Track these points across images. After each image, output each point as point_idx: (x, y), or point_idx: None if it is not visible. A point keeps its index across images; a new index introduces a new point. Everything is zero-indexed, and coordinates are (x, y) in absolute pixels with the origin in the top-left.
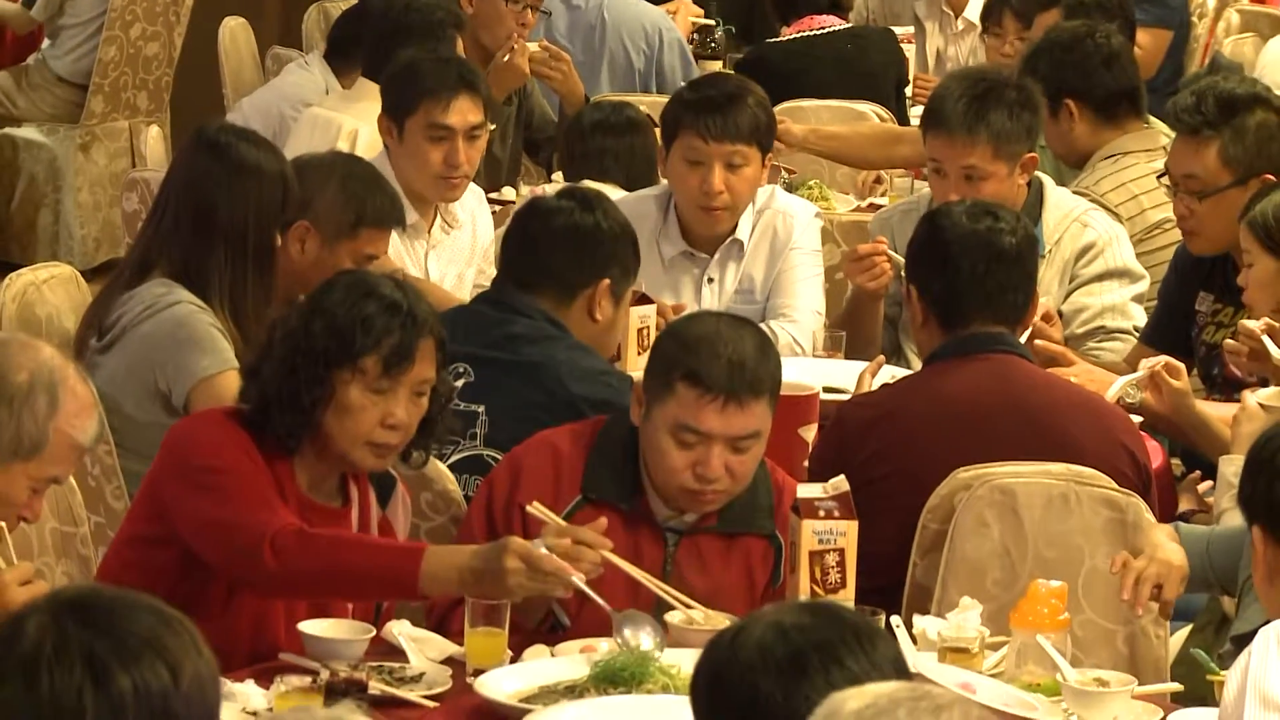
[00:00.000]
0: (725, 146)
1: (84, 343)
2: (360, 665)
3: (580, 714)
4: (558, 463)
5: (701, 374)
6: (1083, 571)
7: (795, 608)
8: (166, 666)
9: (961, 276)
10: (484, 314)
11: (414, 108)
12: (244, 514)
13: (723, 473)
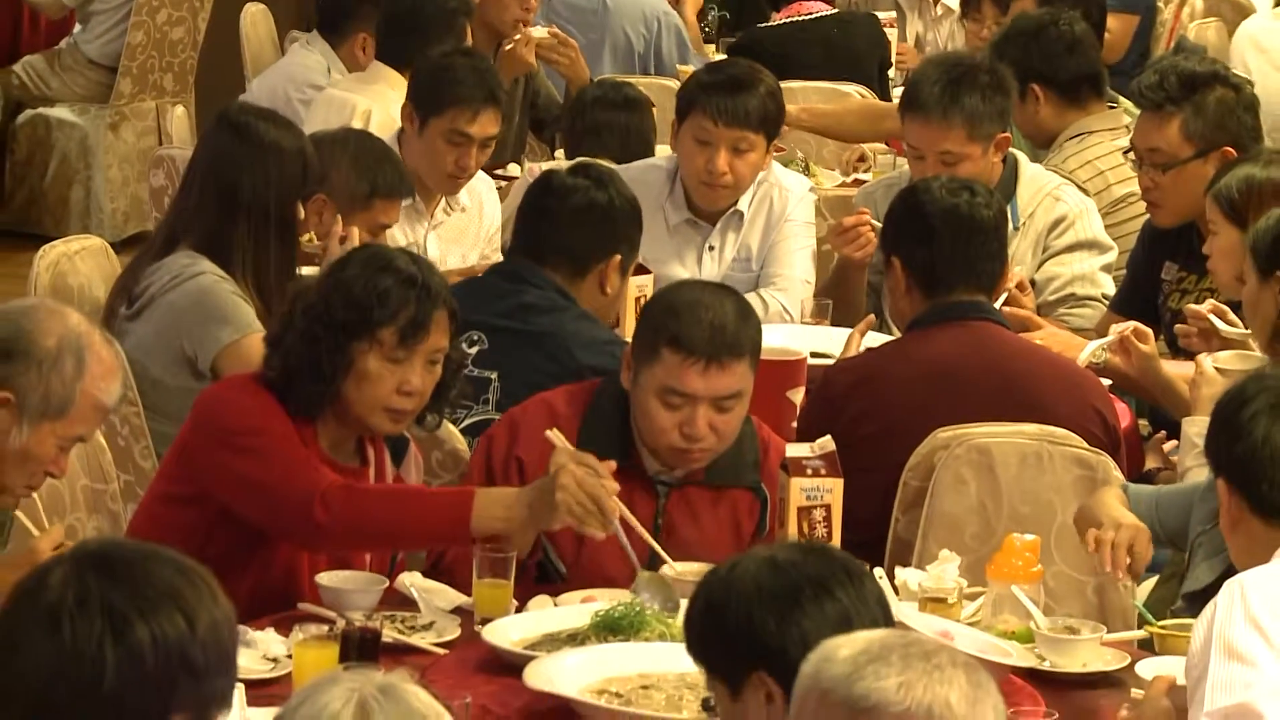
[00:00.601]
0: (734, 131)
1: (113, 310)
2: (374, 615)
3: (581, 660)
4: (554, 421)
5: (684, 339)
6: (1055, 526)
7: (788, 546)
8: (183, 616)
9: (943, 248)
10: (497, 285)
11: (442, 110)
12: (289, 474)
13: (708, 431)
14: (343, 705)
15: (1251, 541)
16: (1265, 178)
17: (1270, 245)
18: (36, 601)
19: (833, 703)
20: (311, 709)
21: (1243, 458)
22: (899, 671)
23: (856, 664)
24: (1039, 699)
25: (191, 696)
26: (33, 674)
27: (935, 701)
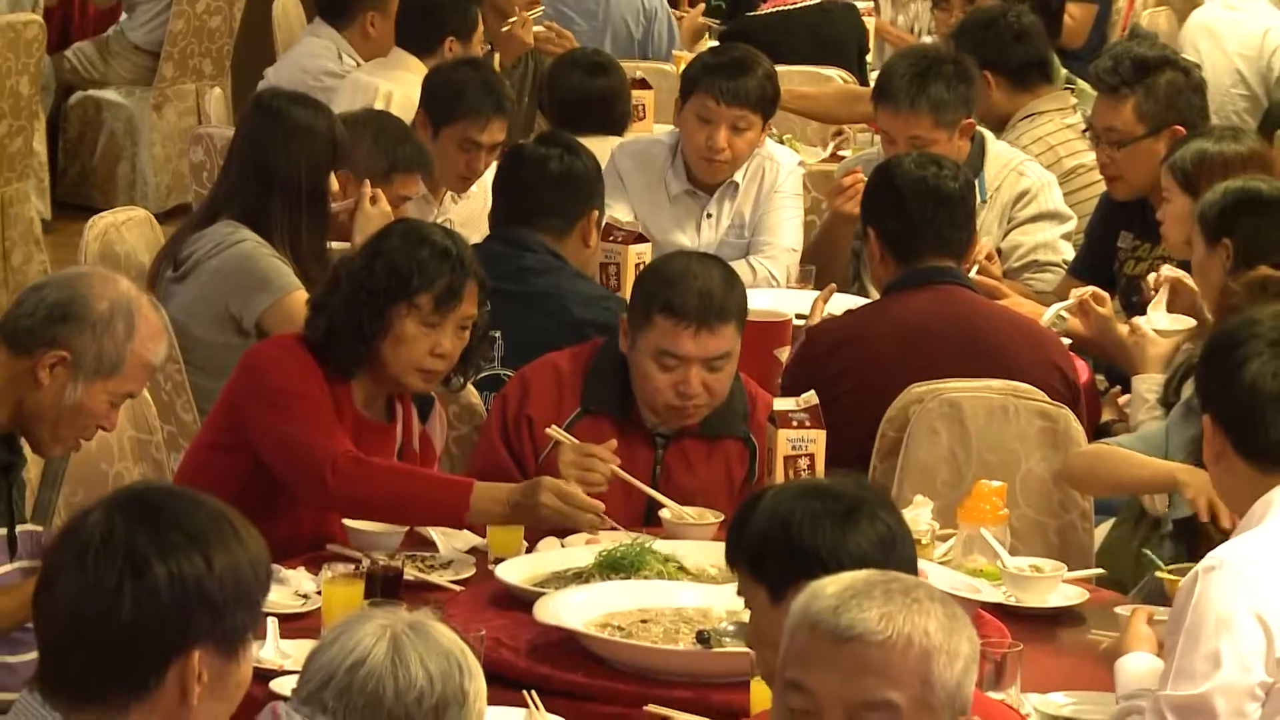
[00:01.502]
0: (733, 110)
1: (158, 274)
2: (396, 555)
3: (586, 596)
4: (560, 380)
5: (676, 306)
6: (1020, 473)
7: (832, 478)
8: (202, 556)
9: (913, 218)
10: (496, 251)
11: (454, 120)
12: (311, 437)
13: (700, 389)
14: (375, 641)
15: (1233, 476)
16: (1216, 152)
17: (1217, 215)
18: (72, 540)
19: (820, 633)
20: (346, 644)
21: (1232, 400)
22: (881, 605)
23: (842, 599)
24: (1005, 631)
25: (211, 629)
26: (61, 606)
27: (914, 631)
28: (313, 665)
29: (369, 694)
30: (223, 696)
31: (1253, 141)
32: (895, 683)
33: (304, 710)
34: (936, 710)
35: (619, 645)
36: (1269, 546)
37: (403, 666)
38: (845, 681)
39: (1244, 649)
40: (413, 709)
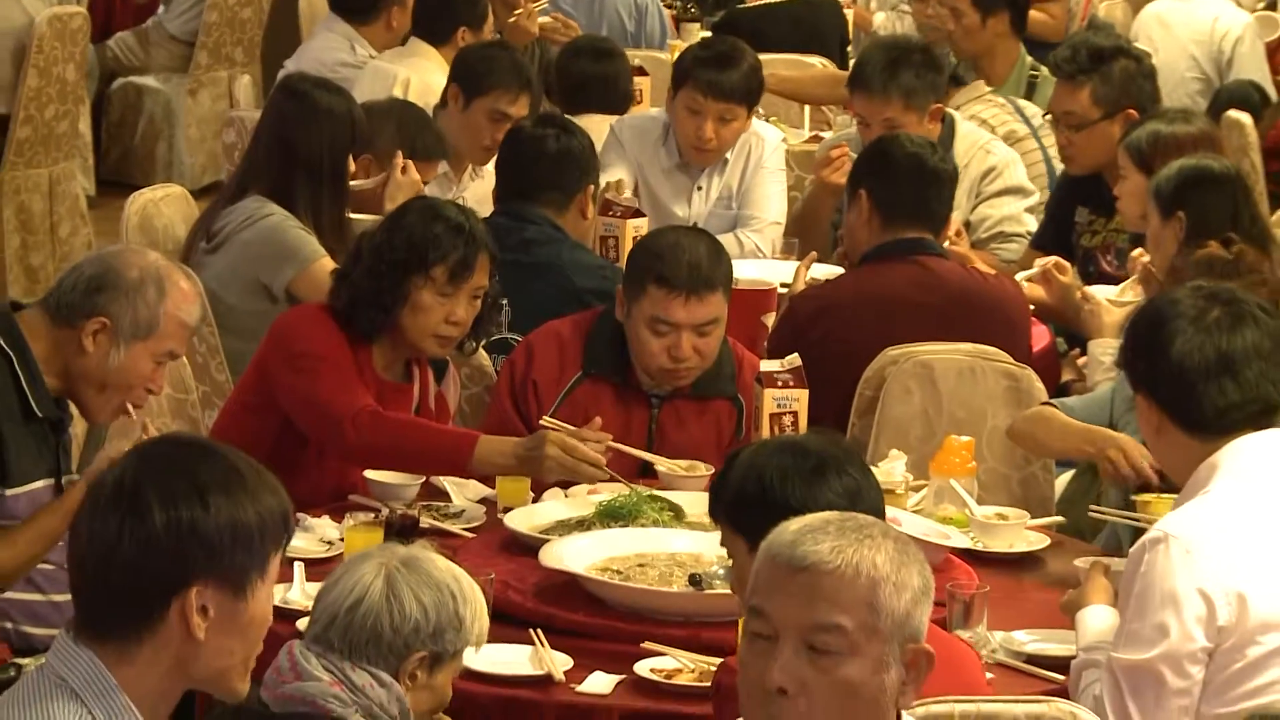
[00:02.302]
0: (720, 104)
1: (193, 246)
2: (413, 505)
3: (587, 543)
4: (561, 346)
5: (667, 276)
6: (986, 429)
7: (808, 435)
8: (200, 500)
9: (905, 188)
10: (502, 224)
11: (486, 92)
12: (333, 395)
13: (691, 353)
14: (372, 579)
15: (1175, 447)
16: (1169, 133)
17: (1171, 190)
18: (94, 489)
19: (779, 565)
20: (346, 585)
21: (1163, 379)
22: (834, 539)
23: (799, 534)
24: (973, 574)
25: (209, 568)
26: (76, 548)
27: (862, 562)
28: (319, 606)
29: (369, 630)
30: (234, 633)
31: (1203, 123)
32: (843, 608)
33: (315, 649)
34: (884, 635)
35: (618, 587)
36: (1213, 516)
37: (397, 602)
38: (799, 606)
39: (1188, 620)
40: (410, 639)
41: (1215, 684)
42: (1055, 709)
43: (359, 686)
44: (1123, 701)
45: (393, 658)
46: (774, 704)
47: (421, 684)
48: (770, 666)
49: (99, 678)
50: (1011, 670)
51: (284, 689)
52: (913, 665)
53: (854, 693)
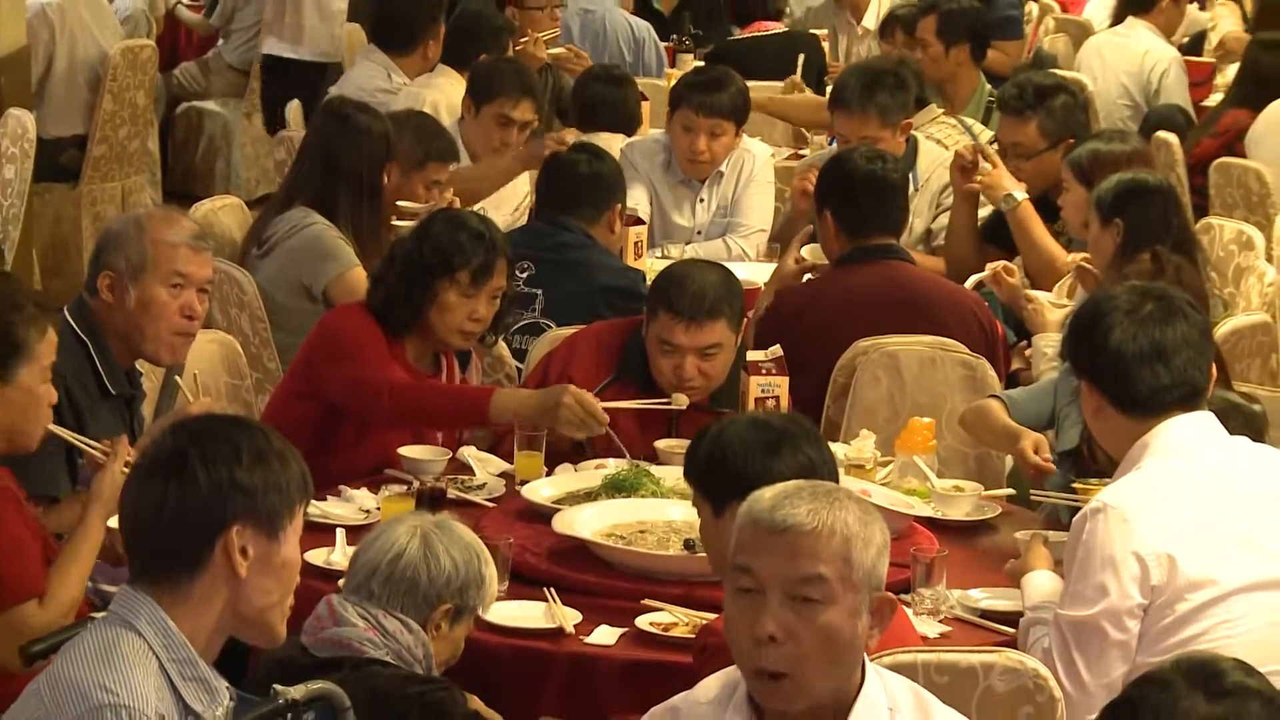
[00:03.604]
0: (711, 120)
1: (247, 251)
2: (441, 478)
3: (594, 511)
4: (599, 349)
5: (673, 303)
6: (945, 411)
7: (771, 414)
8: (234, 454)
9: (863, 204)
10: (542, 229)
11: (492, 99)
12: (371, 373)
13: (695, 373)
14: (409, 538)
15: (1112, 426)
16: (1107, 150)
17: (1111, 201)
18: (143, 458)
19: (761, 527)
20: (385, 543)
21: (1102, 364)
22: (808, 502)
23: (776, 500)
24: (933, 539)
25: (245, 509)
26: (129, 506)
27: (836, 521)
28: (358, 562)
29: (408, 580)
30: (270, 573)
31: (1136, 142)
32: (823, 561)
33: (353, 599)
34: (856, 585)
35: (621, 551)
36: (1146, 488)
37: (433, 557)
38: (782, 563)
39: (1125, 580)
40: (443, 590)
41: (1149, 636)
42: (1005, 658)
43: (390, 632)
44: (1069, 653)
45: (425, 607)
46: (764, 651)
47: (443, 635)
48: (759, 617)
49: (157, 617)
50: (967, 624)
51: (323, 634)
52: (878, 612)
53: (834, 636)
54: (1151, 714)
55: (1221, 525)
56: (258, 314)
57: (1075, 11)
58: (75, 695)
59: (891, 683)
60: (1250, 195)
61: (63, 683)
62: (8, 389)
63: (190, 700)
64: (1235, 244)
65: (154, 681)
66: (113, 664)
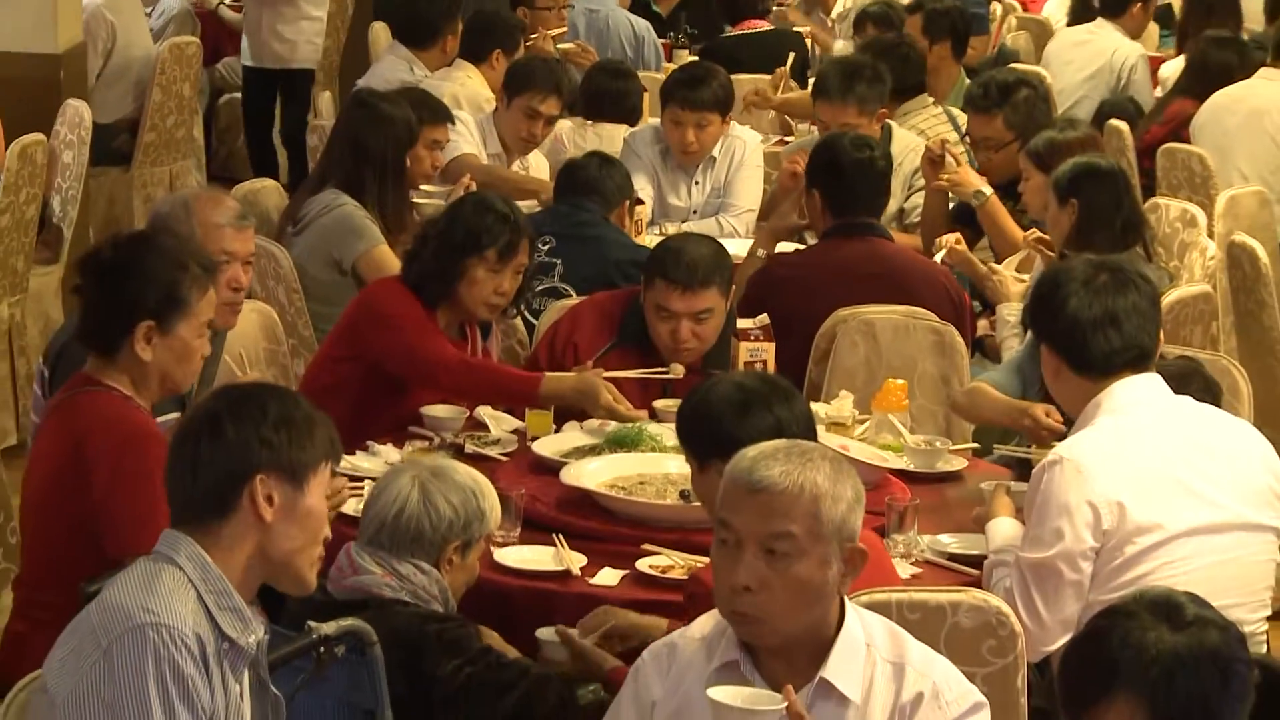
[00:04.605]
0: (697, 114)
1: (283, 229)
2: (459, 434)
3: (598, 464)
4: (601, 316)
5: (669, 272)
6: (917, 374)
7: (749, 374)
8: (260, 411)
9: (851, 187)
10: (563, 210)
11: (523, 92)
12: (423, 346)
13: (690, 337)
14: (409, 490)
15: (1069, 387)
16: (1061, 139)
17: (1066, 183)
18: (182, 421)
19: (740, 486)
20: (388, 497)
21: (1060, 330)
22: (782, 464)
23: (755, 461)
24: (906, 490)
25: (271, 460)
26: (169, 465)
27: (806, 481)
28: (367, 516)
29: (413, 531)
30: (294, 520)
31: (1086, 129)
32: (793, 519)
33: (368, 549)
34: (826, 539)
35: (622, 501)
36: (1097, 441)
37: (432, 506)
38: (757, 520)
39: (1079, 525)
40: (447, 533)
41: (1101, 576)
42: (971, 596)
43: (405, 576)
44: (1029, 591)
45: (434, 550)
46: (740, 598)
47: (457, 566)
48: (736, 568)
49: (195, 552)
50: (937, 566)
51: (345, 582)
52: (850, 560)
53: (804, 586)
54: (1120, 643)
55: (1167, 475)
56: (293, 286)
57: (1035, 10)
58: (120, 615)
59: (868, 620)
60: (1194, 177)
61: (109, 606)
62: (167, 339)
63: (226, 628)
64: (1180, 222)
65: (191, 608)
66: (154, 590)
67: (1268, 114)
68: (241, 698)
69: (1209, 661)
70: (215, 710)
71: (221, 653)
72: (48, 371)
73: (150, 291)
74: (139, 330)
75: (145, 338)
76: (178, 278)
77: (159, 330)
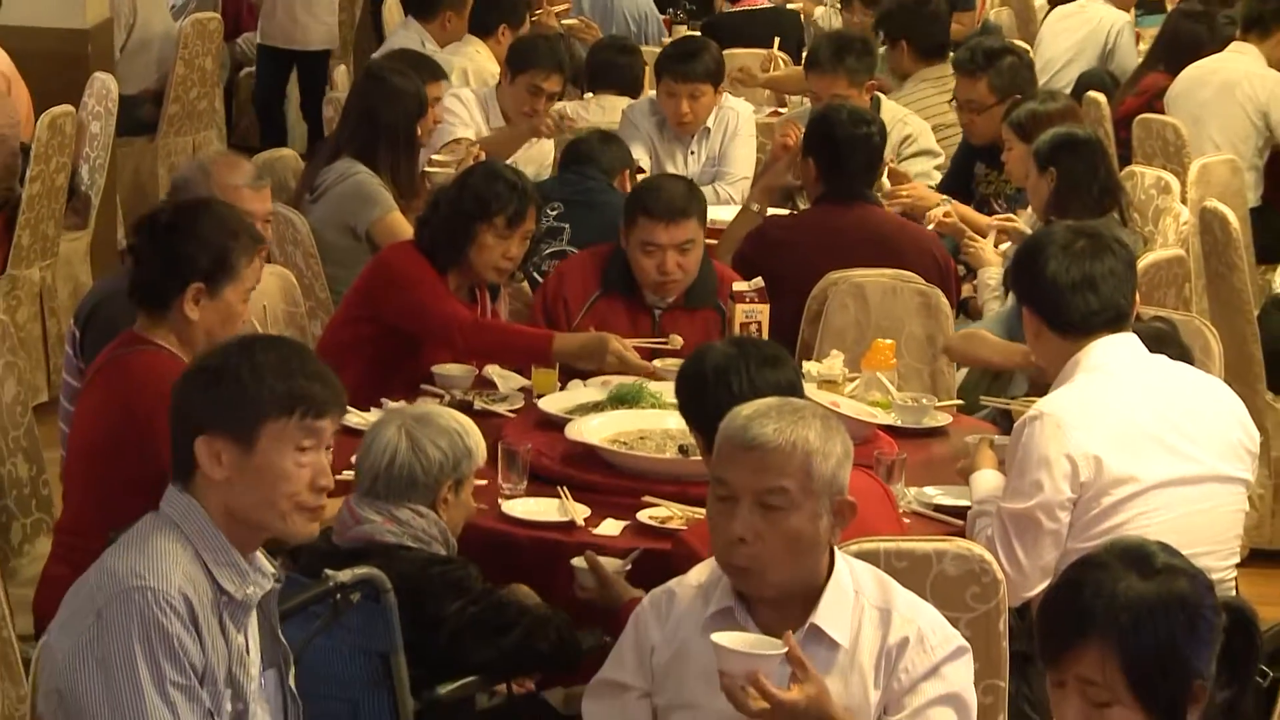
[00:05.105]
0: (689, 85)
1: (300, 196)
2: (469, 391)
3: (601, 420)
4: (584, 271)
5: (651, 207)
6: (904, 334)
7: (745, 339)
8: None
9: (846, 160)
10: (570, 177)
11: (526, 69)
12: (438, 309)
13: (675, 268)
14: (397, 440)
15: (1049, 347)
16: (1042, 110)
17: (1046, 152)
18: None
19: (734, 444)
20: (378, 448)
21: (1040, 292)
22: (774, 422)
23: (749, 419)
24: (894, 444)
25: (213, 421)
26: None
27: (797, 439)
28: (362, 468)
29: (406, 477)
30: (246, 477)
31: (1065, 100)
32: (786, 475)
33: (367, 500)
34: (816, 493)
35: (624, 455)
36: (1075, 398)
37: (421, 452)
38: (751, 476)
39: (1057, 477)
40: (439, 475)
41: (1078, 525)
42: (956, 545)
43: (405, 521)
44: (1009, 540)
45: (428, 492)
46: (737, 550)
47: (452, 504)
48: (732, 522)
49: (191, 511)
50: (923, 517)
51: (349, 533)
52: (839, 513)
53: (797, 538)
54: (1092, 593)
55: (1142, 430)
56: (310, 251)
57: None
58: (112, 579)
59: (857, 569)
60: (1168, 146)
61: (105, 570)
62: (215, 301)
63: (223, 582)
64: (1155, 189)
65: (184, 568)
66: (145, 552)
67: (1239, 86)
68: (249, 648)
69: (1177, 608)
70: (212, 662)
71: (221, 605)
72: (79, 332)
73: (203, 255)
74: (189, 291)
75: (194, 299)
76: (229, 244)
77: (207, 292)
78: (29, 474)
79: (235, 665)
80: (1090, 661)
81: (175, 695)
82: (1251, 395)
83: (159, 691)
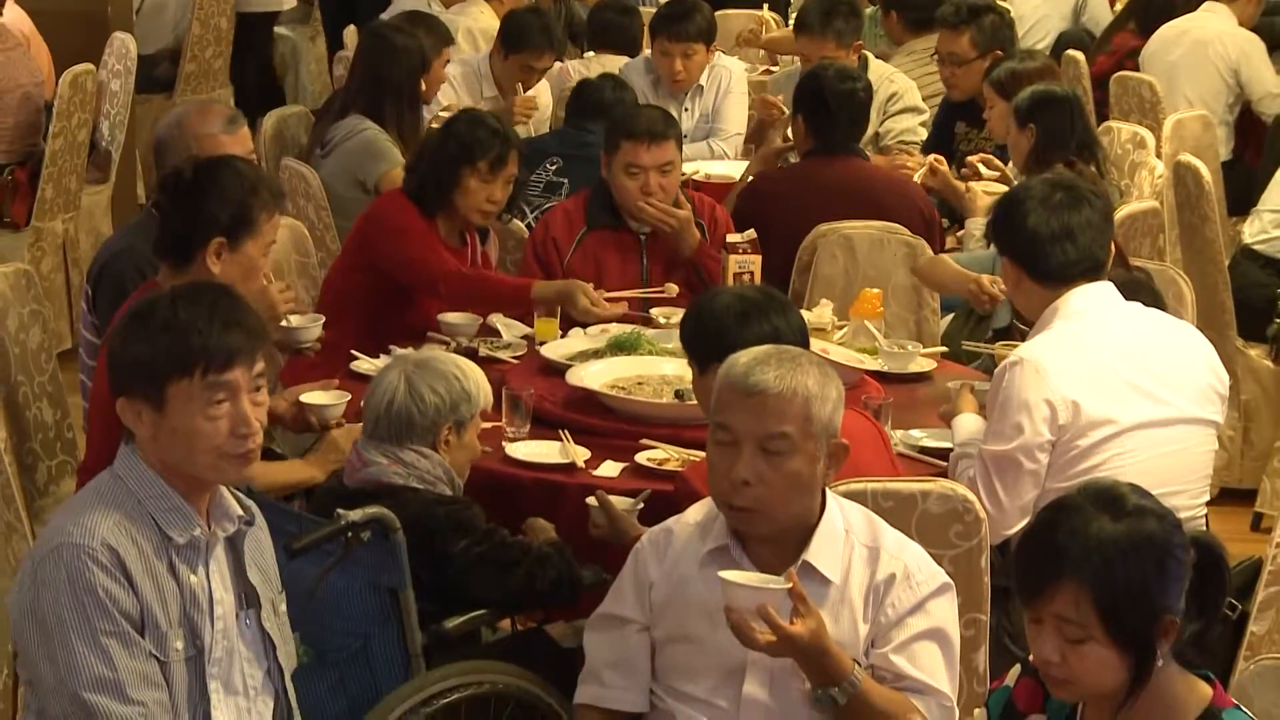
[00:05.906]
0: (681, 45)
1: (311, 151)
2: (473, 339)
3: (600, 366)
4: (566, 214)
5: (633, 130)
6: (890, 283)
7: (750, 287)
8: (132, 336)
9: (835, 115)
10: (569, 133)
11: (520, 50)
12: (425, 257)
13: (657, 189)
14: (397, 384)
15: (1029, 295)
16: (1022, 69)
17: (1025, 109)
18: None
19: (736, 390)
20: (379, 393)
21: (1020, 243)
22: (775, 369)
23: (749, 365)
24: (881, 389)
25: (126, 383)
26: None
27: (798, 385)
28: (366, 413)
29: (405, 421)
30: (162, 436)
31: (1044, 59)
32: (787, 420)
33: (372, 443)
34: (816, 436)
35: (622, 399)
36: (1054, 344)
37: (418, 397)
38: (754, 421)
39: (1037, 421)
40: (437, 418)
41: (1056, 466)
42: (940, 485)
43: (409, 462)
44: (990, 480)
45: (429, 434)
46: (739, 492)
47: (455, 445)
48: (735, 465)
49: (133, 464)
50: (909, 458)
51: (358, 475)
52: (833, 455)
53: (796, 479)
54: (1067, 535)
55: (1117, 375)
56: (321, 204)
57: None
58: (45, 537)
59: (847, 508)
60: (1144, 103)
61: (45, 529)
62: (235, 255)
63: (166, 528)
64: (1131, 143)
65: (115, 518)
66: (79, 509)
67: (1210, 44)
68: (210, 588)
69: (1147, 548)
70: (152, 607)
71: (170, 550)
72: (90, 289)
73: (224, 210)
74: (211, 245)
75: (216, 253)
76: (250, 201)
77: (229, 247)
78: (54, 418)
79: (189, 605)
80: (1065, 600)
81: (109, 643)
82: (1222, 341)
83: (90, 643)
